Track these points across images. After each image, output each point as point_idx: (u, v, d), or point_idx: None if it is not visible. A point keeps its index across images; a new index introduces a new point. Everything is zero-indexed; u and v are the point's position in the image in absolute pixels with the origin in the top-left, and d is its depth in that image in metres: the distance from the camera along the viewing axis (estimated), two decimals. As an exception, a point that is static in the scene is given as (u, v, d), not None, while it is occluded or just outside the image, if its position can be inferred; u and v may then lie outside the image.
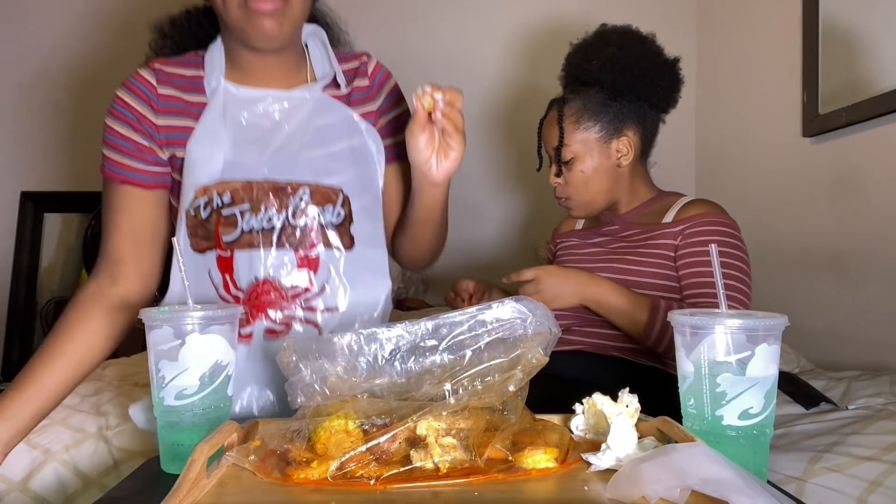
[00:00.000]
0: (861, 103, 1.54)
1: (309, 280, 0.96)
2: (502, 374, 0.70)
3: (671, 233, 1.23)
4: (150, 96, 0.99)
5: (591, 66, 1.28)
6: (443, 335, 0.72)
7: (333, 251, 0.97)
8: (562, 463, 0.68)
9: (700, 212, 1.23)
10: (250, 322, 0.95)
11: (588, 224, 1.46)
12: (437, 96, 0.84)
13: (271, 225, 0.95)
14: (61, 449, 1.06)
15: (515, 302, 0.74)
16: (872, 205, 1.56)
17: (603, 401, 0.75)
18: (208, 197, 0.94)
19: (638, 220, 1.32)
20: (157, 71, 1.00)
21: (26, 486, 1.00)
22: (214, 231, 0.95)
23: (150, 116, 0.99)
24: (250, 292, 0.94)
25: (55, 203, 2.34)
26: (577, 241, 1.42)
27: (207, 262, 0.96)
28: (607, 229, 1.36)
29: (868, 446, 0.97)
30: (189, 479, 0.59)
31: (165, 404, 0.74)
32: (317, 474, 0.64)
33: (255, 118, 0.97)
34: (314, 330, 0.96)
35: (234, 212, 0.95)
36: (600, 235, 1.37)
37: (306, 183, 0.96)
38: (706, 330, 0.68)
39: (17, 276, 2.28)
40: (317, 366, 0.71)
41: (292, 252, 0.95)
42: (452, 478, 0.64)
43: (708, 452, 0.59)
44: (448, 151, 0.88)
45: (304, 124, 0.98)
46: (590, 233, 1.41)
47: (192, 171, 0.95)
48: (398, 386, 0.71)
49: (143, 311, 0.75)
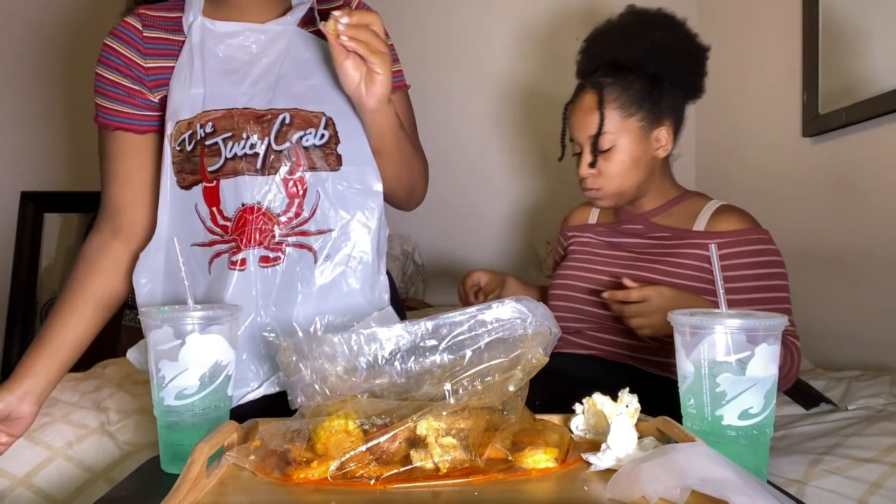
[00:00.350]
0: (861, 103, 1.54)
1: (298, 205, 0.95)
2: (502, 374, 0.70)
3: (704, 244, 1.16)
4: (137, 40, 1.00)
5: (635, 49, 1.18)
6: (443, 335, 0.72)
7: (320, 173, 0.95)
8: (562, 463, 0.68)
9: (736, 227, 1.15)
10: (241, 250, 0.93)
11: (603, 218, 1.36)
12: (342, 21, 0.83)
13: (254, 151, 0.94)
14: (64, 444, 1.06)
15: (515, 302, 0.74)
16: (872, 205, 1.56)
17: (603, 401, 0.75)
18: (192, 130, 0.95)
19: (663, 221, 1.23)
20: (141, 16, 1.01)
21: (30, 482, 1.00)
22: (200, 163, 0.94)
23: (137, 60, 0.99)
24: (238, 220, 0.93)
25: (55, 203, 2.34)
26: (592, 237, 1.32)
27: (194, 196, 0.95)
28: (629, 228, 1.27)
29: (868, 448, 0.97)
30: (189, 479, 0.59)
31: (165, 404, 0.74)
32: (317, 474, 0.64)
33: (231, 51, 0.97)
34: (309, 254, 0.95)
35: (216, 141, 0.94)
36: (621, 234, 1.27)
37: (286, 109, 0.95)
38: (706, 330, 0.68)
39: (17, 276, 2.27)
40: (317, 366, 0.71)
41: (278, 178, 0.94)
42: (452, 478, 0.64)
43: (708, 452, 0.59)
44: (373, 76, 0.87)
45: (282, 56, 0.98)
46: (607, 230, 1.31)
47: (174, 107, 0.95)
48: (398, 386, 0.71)
49: (144, 311, 0.75)
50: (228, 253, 0.94)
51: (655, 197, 1.25)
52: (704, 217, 1.19)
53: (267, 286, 0.94)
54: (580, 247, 1.33)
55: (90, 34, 2.19)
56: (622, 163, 1.18)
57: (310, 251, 0.95)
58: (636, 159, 1.19)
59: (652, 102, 1.19)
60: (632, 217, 1.27)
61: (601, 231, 1.32)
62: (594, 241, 1.31)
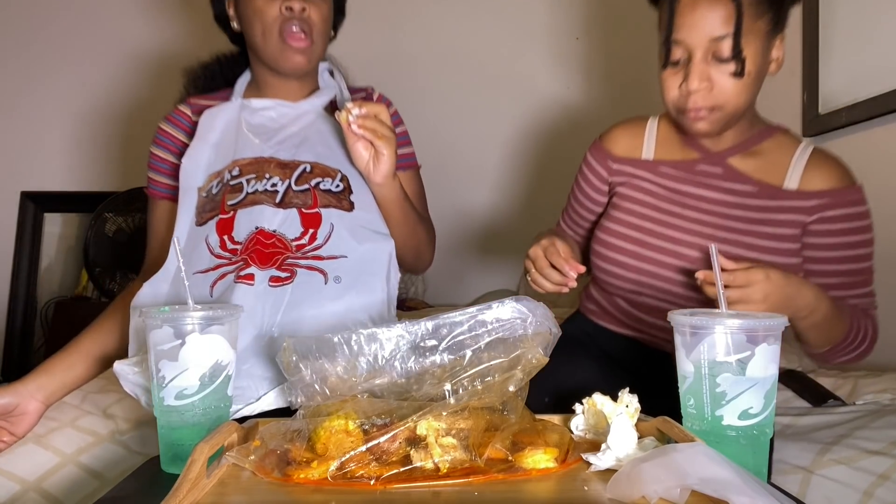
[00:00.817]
0: (861, 103, 1.54)
1: (313, 234, 1.01)
2: (502, 375, 0.70)
3: (801, 207, 0.99)
4: (186, 124, 1.14)
5: None
6: (443, 335, 0.72)
7: (334, 210, 1.03)
8: (562, 463, 0.68)
9: (838, 184, 0.98)
10: (249, 266, 0.96)
11: (667, 153, 1.08)
12: (353, 112, 0.97)
13: (275, 189, 1.02)
14: (75, 451, 1.06)
15: (515, 302, 0.74)
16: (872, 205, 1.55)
17: (603, 401, 0.75)
18: (220, 177, 1.04)
19: (746, 166, 1.03)
20: (192, 104, 1.16)
21: (41, 487, 1.00)
22: (221, 199, 1.02)
23: (185, 139, 1.13)
24: (249, 241, 0.98)
25: (55, 203, 2.35)
26: (651, 179, 1.07)
27: (206, 230, 1.01)
28: (704, 170, 1.04)
29: (876, 440, 0.96)
30: (189, 479, 0.59)
31: (165, 404, 0.74)
32: (317, 474, 0.64)
33: (263, 120, 1.11)
34: (320, 276, 0.97)
35: (240, 181, 1.03)
36: (693, 181, 1.04)
37: (308, 161, 1.06)
38: (706, 330, 0.68)
39: (17, 276, 2.28)
40: (317, 366, 0.71)
41: (295, 210, 1.01)
42: (452, 478, 0.64)
43: (708, 452, 0.59)
44: (379, 156, 0.99)
45: (307, 126, 1.11)
46: (675, 172, 1.06)
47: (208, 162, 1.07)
48: (398, 386, 0.71)
49: (144, 312, 0.75)
50: (235, 271, 0.96)
51: (741, 128, 1.03)
52: (797, 169, 1.00)
53: (276, 303, 0.95)
54: (636, 192, 1.07)
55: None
56: (750, 76, 0.94)
57: (321, 273, 0.98)
58: (759, 71, 0.96)
59: (777, 5, 0.97)
60: (708, 155, 1.04)
61: (666, 173, 1.06)
62: (657, 187, 1.06)
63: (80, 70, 2.32)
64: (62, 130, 2.33)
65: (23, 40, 2.32)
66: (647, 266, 1.04)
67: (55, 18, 2.32)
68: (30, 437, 1.03)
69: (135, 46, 2.32)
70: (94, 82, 2.32)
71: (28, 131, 2.33)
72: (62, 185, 2.33)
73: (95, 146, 2.33)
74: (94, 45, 2.32)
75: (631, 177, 1.09)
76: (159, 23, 2.31)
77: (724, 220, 1.01)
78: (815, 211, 0.99)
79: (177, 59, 2.30)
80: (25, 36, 2.32)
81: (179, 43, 2.31)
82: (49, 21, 2.32)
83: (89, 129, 2.33)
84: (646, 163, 1.09)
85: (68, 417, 1.12)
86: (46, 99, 2.33)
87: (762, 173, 1.02)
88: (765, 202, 1.00)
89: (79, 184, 2.32)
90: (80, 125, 2.32)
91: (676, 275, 1.02)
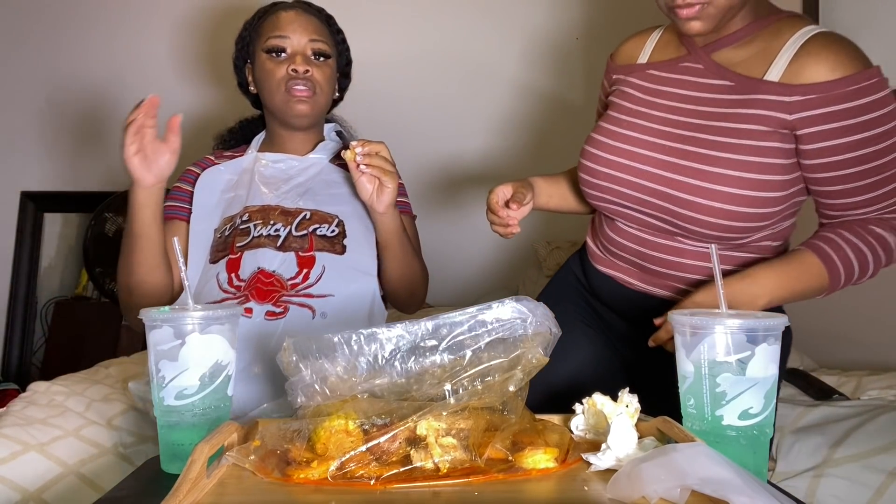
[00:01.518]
0: (861, 103, 1.54)
1: (306, 274, 1.14)
2: (502, 375, 0.70)
3: (778, 103, 0.87)
4: (208, 165, 1.29)
5: None
6: (443, 335, 0.71)
7: (327, 254, 1.16)
8: (562, 463, 0.68)
9: (830, 76, 0.85)
10: (249, 300, 1.10)
11: (658, 54, 1.05)
12: (357, 150, 1.08)
13: (277, 234, 1.16)
14: (78, 462, 1.05)
15: (515, 302, 0.74)
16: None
17: (603, 401, 0.75)
18: (233, 221, 1.19)
19: (733, 57, 0.94)
20: (217, 155, 1.32)
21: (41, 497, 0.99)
22: (231, 241, 1.17)
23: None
24: (251, 279, 1.12)
25: (55, 203, 2.35)
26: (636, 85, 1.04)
27: (217, 268, 1.15)
28: (687, 66, 0.99)
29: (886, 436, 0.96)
30: (189, 479, 0.59)
31: (165, 404, 0.74)
32: (317, 474, 0.64)
33: (273, 171, 1.26)
34: (309, 312, 1.10)
35: (248, 225, 1.18)
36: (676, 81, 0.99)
37: (308, 209, 1.20)
38: (706, 330, 0.68)
39: (17, 276, 2.28)
40: (317, 366, 0.71)
41: (293, 253, 1.15)
42: (452, 478, 0.64)
43: (708, 452, 0.59)
44: (383, 188, 1.10)
45: (313, 177, 1.25)
46: (660, 71, 1.02)
47: (224, 206, 1.22)
48: (398, 386, 0.71)
49: (143, 311, 0.75)
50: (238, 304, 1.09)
51: (735, 20, 0.94)
52: (784, 58, 0.89)
53: (268, 335, 1.08)
54: (619, 98, 1.06)
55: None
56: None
57: (310, 309, 1.11)
58: None
59: None
60: (694, 51, 0.99)
61: (651, 76, 1.03)
62: (639, 90, 1.03)
63: (80, 70, 2.32)
64: (63, 130, 2.33)
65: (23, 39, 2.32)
66: (606, 170, 1.00)
67: (56, 18, 2.32)
68: (33, 446, 1.03)
69: (137, 47, 2.32)
70: (94, 83, 2.32)
71: (28, 131, 2.33)
72: (62, 185, 2.33)
73: (96, 146, 2.33)
74: (97, 47, 2.32)
75: (622, 83, 1.08)
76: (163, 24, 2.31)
77: (689, 118, 0.95)
78: (797, 109, 0.86)
79: (178, 60, 2.31)
80: (26, 35, 2.32)
81: (183, 45, 2.31)
82: (49, 21, 2.32)
83: (90, 129, 2.33)
84: (638, 66, 1.07)
85: (72, 426, 1.11)
86: (46, 99, 2.32)
87: (746, 66, 0.93)
88: (739, 97, 0.91)
89: (79, 184, 2.32)
90: (81, 125, 2.32)
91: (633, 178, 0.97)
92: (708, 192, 0.90)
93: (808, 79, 0.86)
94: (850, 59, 0.86)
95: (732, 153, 0.89)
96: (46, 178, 2.33)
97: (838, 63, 0.85)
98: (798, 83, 0.86)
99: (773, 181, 0.89)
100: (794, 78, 0.87)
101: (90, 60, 2.32)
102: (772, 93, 0.88)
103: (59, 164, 2.34)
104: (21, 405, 1.17)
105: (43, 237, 2.34)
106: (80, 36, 2.32)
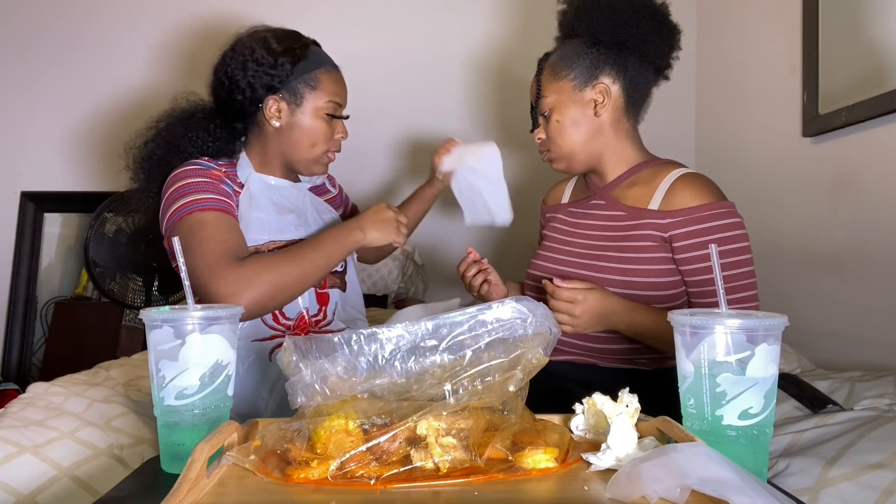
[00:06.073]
0: (861, 103, 1.54)
1: (324, 312, 1.26)
2: (502, 374, 0.70)
3: (657, 224, 1.13)
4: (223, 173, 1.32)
5: (568, 14, 1.24)
6: (443, 335, 0.72)
7: (336, 291, 1.28)
8: (562, 463, 0.68)
9: (692, 204, 1.11)
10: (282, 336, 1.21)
11: (575, 196, 1.35)
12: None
13: None
14: (72, 465, 1.05)
15: (515, 302, 0.74)
16: (872, 205, 1.55)
17: (603, 401, 0.75)
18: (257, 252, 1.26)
19: (623, 196, 1.21)
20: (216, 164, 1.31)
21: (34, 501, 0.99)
22: None
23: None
24: (298, 321, 1.23)
25: (55, 203, 2.34)
26: (562, 220, 1.32)
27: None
28: (595, 204, 1.26)
29: (878, 452, 0.95)
30: (189, 479, 0.59)
31: (165, 404, 0.74)
32: (317, 474, 0.64)
33: (280, 199, 1.29)
34: None
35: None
36: (587, 214, 1.27)
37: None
38: (706, 330, 0.68)
39: (17, 276, 2.27)
40: (317, 366, 0.71)
41: (312, 290, 1.24)
42: (452, 478, 0.64)
43: (708, 452, 0.59)
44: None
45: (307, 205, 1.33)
46: (576, 209, 1.30)
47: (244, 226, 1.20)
48: (398, 386, 0.71)
49: (143, 311, 0.75)
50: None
51: (617, 163, 1.24)
52: (661, 192, 1.16)
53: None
54: (552, 231, 1.34)
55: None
56: (558, 122, 1.21)
57: None
58: (573, 119, 1.21)
59: (587, 62, 1.19)
60: (597, 190, 1.27)
61: (571, 211, 1.32)
62: (562, 228, 1.31)
63: (80, 70, 2.32)
64: (62, 130, 2.33)
65: (23, 40, 2.32)
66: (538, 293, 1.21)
67: (56, 19, 2.32)
68: (28, 448, 1.03)
69: (135, 46, 2.32)
70: (94, 82, 2.31)
71: (28, 131, 2.33)
72: (62, 185, 2.33)
73: (95, 146, 2.33)
74: (95, 45, 2.32)
75: (553, 220, 1.36)
76: (160, 20, 2.31)
77: (598, 242, 1.22)
78: (670, 228, 1.13)
79: (177, 58, 2.31)
80: (26, 36, 2.32)
81: (180, 42, 2.31)
82: (50, 21, 2.32)
83: (89, 129, 2.33)
84: (562, 206, 1.37)
85: (69, 428, 1.11)
86: (47, 99, 2.33)
87: (634, 199, 1.20)
88: (630, 223, 1.18)
89: (79, 184, 2.32)
90: (81, 125, 2.32)
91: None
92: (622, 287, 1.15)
93: (678, 206, 1.13)
94: (708, 192, 1.13)
95: (631, 264, 1.15)
96: (46, 178, 2.32)
97: (703, 194, 1.12)
98: (670, 209, 1.13)
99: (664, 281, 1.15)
100: (668, 206, 1.14)
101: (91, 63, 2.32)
102: (654, 217, 1.15)
103: (59, 164, 2.34)
104: (19, 406, 1.17)
105: (43, 237, 2.34)
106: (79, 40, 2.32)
